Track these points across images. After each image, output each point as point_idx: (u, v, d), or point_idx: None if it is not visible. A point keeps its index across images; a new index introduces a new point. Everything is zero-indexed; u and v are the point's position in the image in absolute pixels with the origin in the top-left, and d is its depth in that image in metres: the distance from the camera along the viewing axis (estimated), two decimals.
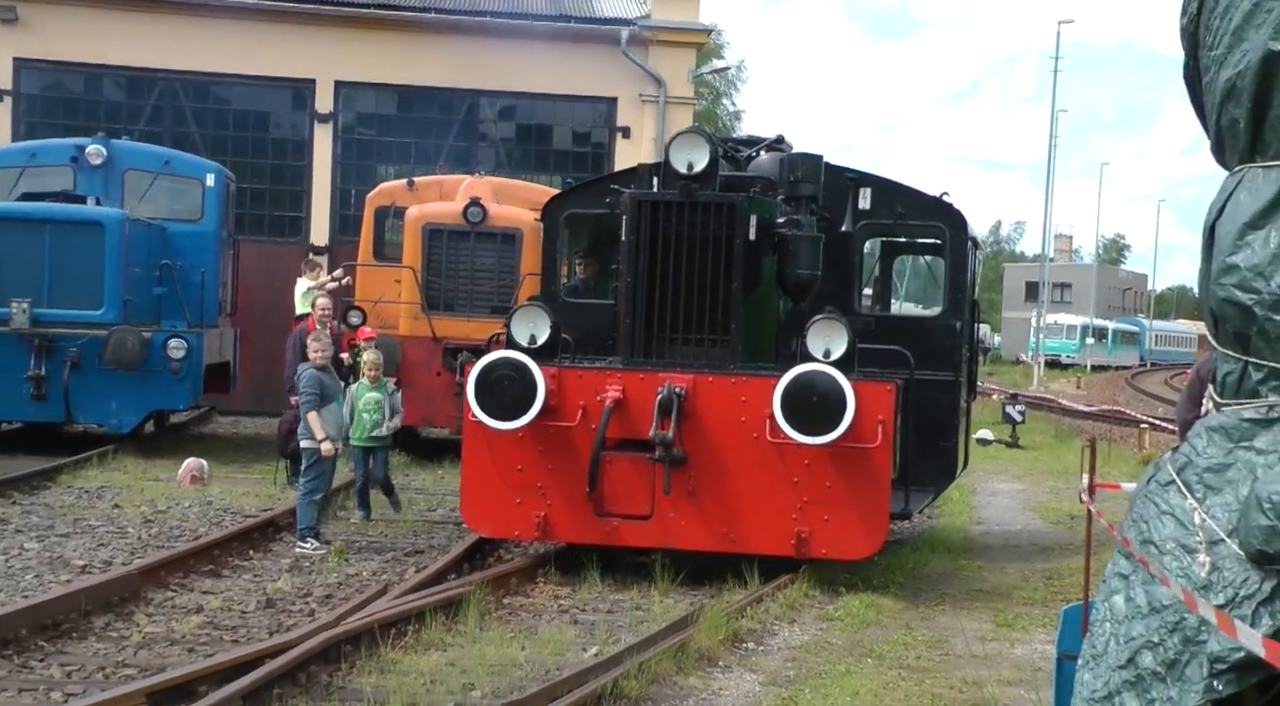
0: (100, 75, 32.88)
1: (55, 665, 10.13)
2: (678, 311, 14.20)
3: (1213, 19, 6.03)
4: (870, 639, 11.86)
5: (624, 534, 13.94)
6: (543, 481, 13.94)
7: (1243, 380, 5.80)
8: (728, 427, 13.72)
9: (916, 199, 16.78)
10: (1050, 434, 35.16)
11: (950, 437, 16.44)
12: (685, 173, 14.09)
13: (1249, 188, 5.80)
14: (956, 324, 16.53)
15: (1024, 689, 10.34)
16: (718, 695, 9.93)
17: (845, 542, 13.57)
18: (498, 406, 13.60)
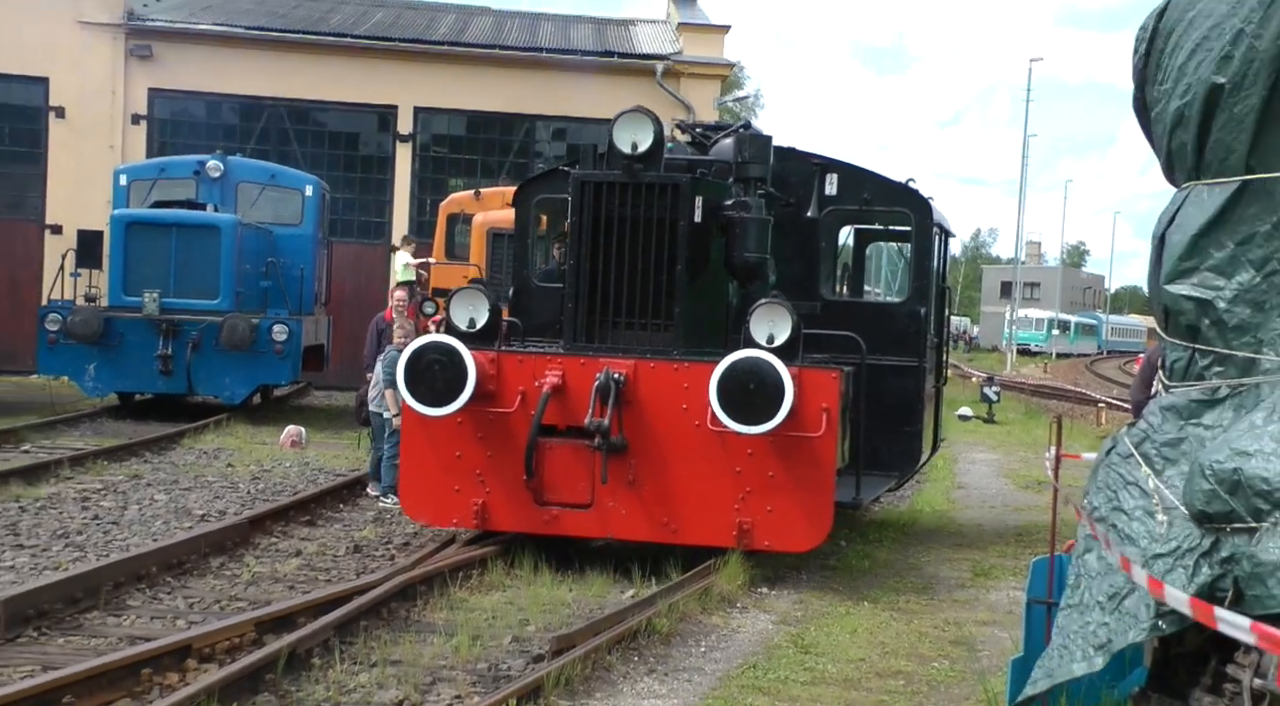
0: (219, 102, 32.97)
1: (180, 597, 10.22)
2: (620, 295, 12.01)
3: (1162, 58, 6.03)
4: (866, 585, 11.87)
5: (563, 523, 11.71)
6: (481, 468, 11.77)
7: (1190, 366, 5.82)
8: (669, 415, 11.59)
9: (883, 185, 14.52)
10: (1021, 411, 35.11)
11: (914, 423, 14.28)
12: (629, 153, 11.91)
13: (1195, 202, 5.81)
14: (921, 310, 14.33)
15: (998, 628, 10.34)
16: (736, 631, 9.94)
17: (788, 534, 11.45)
18: (428, 392, 11.43)
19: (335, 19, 34.69)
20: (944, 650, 9.70)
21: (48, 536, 12.16)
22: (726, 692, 8.29)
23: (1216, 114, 5.65)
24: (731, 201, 12.62)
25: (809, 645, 9.58)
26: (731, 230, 12.52)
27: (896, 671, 9.07)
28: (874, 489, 13.77)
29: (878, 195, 14.35)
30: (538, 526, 11.72)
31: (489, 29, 35.56)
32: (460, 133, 33.52)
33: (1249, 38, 5.52)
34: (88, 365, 22.04)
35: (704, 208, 12.10)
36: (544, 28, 36.42)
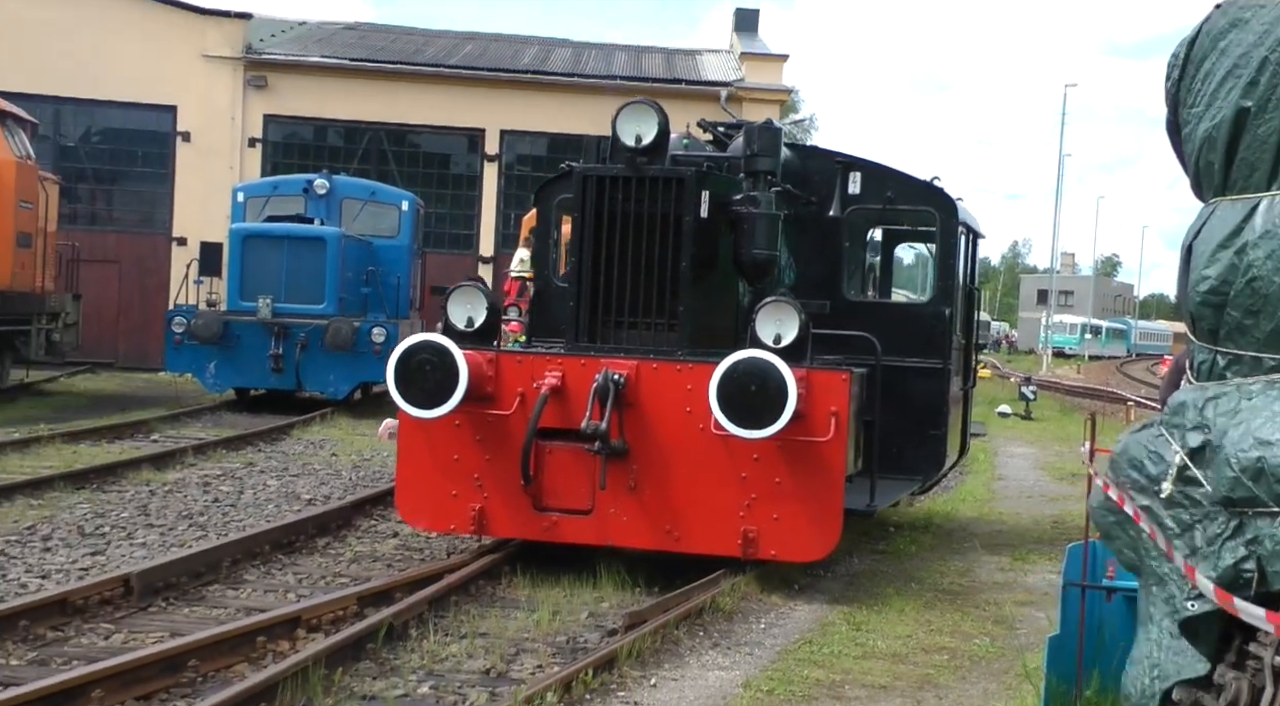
0: (325, 126, 33.28)
1: (290, 573, 10.28)
2: (624, 293, 10.57)
3: (1194, 83, 5.97)
4: (913, 568, 11.77)
5: (562, 529, 10.27)
6: (479, 472, 10.35)
7: (1213, 366, 5.78)
8: (671, 418, 10.13)
9: (907, 183, 12.97)
10: (1056, 409, 34.77)
11: (939, 426, 12.74)
12: (633, 146, 10.51)
13: (1220, 216, 5.77)
14: (945, 310, 12.72)
15: (1035, 609, 10.23)
16: (793, 609, 9.89)
17: (795, 543, 9.98)
18: (419, 393, 10.07)
19: (430, 50, 34.94)
20: (985, 628, 9.61)
21: (174, 516, 12.27)
22: (784, 665, 8.25)
23: (1242, 136, 5.61)
24: (740, 196, 11.10)
25: (860, 622, 9.52)
26: (740, 226, 11.05)
27: (941, 647, 8.99)
28: (892, 494, 12.27)
29: (902, 194, 12.90)
30: (536, 533, 10.33)
31: (568, 59, 35.68)
32: (542, 153, 33.60)
33: (1273, 65, 5.49)
34: (208, 364, 22.26)
35: (711, 203, 10.72)
36: (618, 57, 36.48)
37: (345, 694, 7.15)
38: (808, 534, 9.97)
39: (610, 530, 10.19)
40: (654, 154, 10.57)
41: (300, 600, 9.21)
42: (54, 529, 11.36)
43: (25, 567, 9.88)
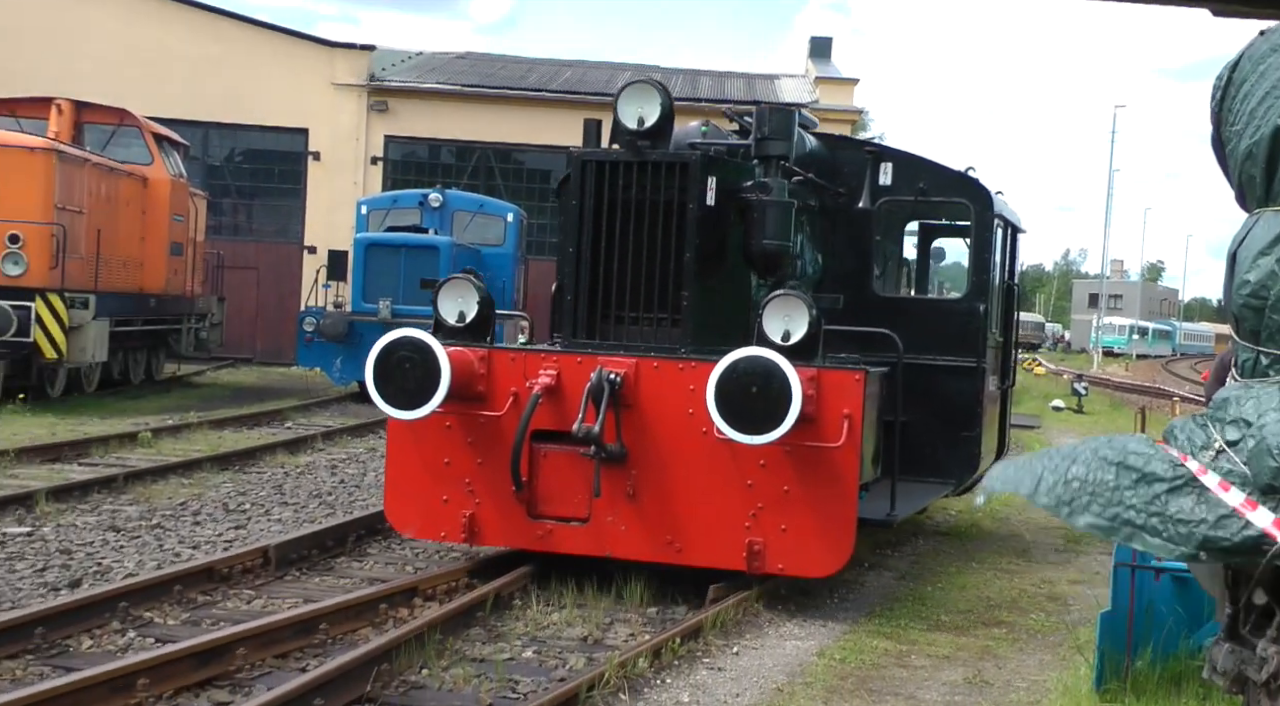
0: (439, 146, 33.59)
1: (408, 548, 10.24)
2: (624, 287, 9.11)
3: (1235, 103, 5.90)
4: (973, 548, 11.66)
5: (557, 539, 8.86)
6: (470, 477, 8.95)
7: (1256, 364, 5.70)
8: (673, 420, 8.68)
9: (940, 174, 11.42)
10: (1106, 404, 34.25)
11: (972, 427, 11.15)
12: (635, 128, 9.07)
13: (1263, 225, 5.69)
14: (980, 307, 11.18)
15: (1087, 587, 10.09)
16: (863, 585, 9.82)
17: (804, 557, 8.53)
18: (399, 392, 8.69)
19: (533, 77, 35.13)
20: (1040, 604, 9.50)
21: (305, 495, 12.43)
22: (855, 636, 8.20)
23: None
24: (750, 183, 9.51)
25: (924, 597, 9.44)
26: (749, 215, 9.43)
27: (999, 621, 8.90)
28: (918, 500, 10.72)
29: (934, 185, 11.34)
30: (530, 542, 8.92)
31: None
32: None
33: None
34: (335, 359, 22.51)
35: (719, 190, 9.17)
36: (703, 81, 36.44)
37: (457, 657, 7.21)
38: (818, 547, 8.49)
39: (608, 540, 8.76)
40: (657, 137, 9.12)
41: (417, 572, 9.28)
42: (202, 505, 11.57)
43: (178, 539, 10.07)
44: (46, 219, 17.96)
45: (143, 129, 21.80)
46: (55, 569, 8.84)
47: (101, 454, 14.59)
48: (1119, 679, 6.78)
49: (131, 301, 21.05)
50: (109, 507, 11.29)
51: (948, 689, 7.19)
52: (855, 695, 6.93)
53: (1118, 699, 6.66)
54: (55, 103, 20.46)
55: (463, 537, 9.01)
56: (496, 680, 6.73)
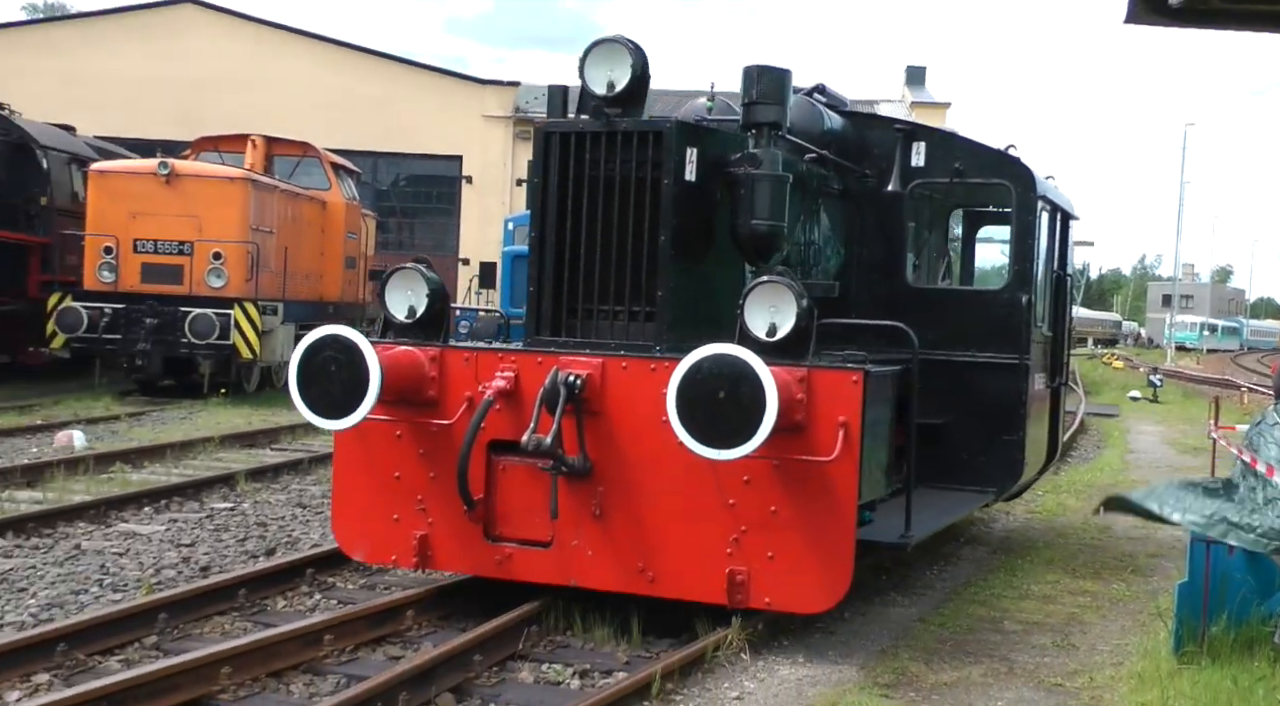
0: None
1: None
2: (592, 275, 7.10)
3: None
4: (1059, 526, 11.43)
5: (516, 564, 6.93)
6: (423, 493, 7.08)
7: None
8: (644, 428, 6.67)
9: (977, 152, 9.33)
10: (1180, 394, 33.32)
11: (1015, 430, 9.03)
12: (604, 93, 7.00)
13: None
14: (1023, 298, 9.04)
15: (1165, 560, 9.86)
16: (960, 558, 9.69)
17: (795, 589, 6.53)
18: (324, 398, 6.77)
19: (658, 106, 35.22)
20: (1122, 575, 9.29)
21: None
22: (953, 604, 8.11)
23: None
24: (739, 156, 7.43)
25: (1015, 569, 9.29)
26: (735, 191, 7.37)
27: (1084, 591, 8.72)
28: (945, 515, 8.49)
29: (971, 165, 9.24)
30: (488, 568, 7.02)
31: None
32: None
33: None
34: None
35: (703, 163, 7.19)
36: None
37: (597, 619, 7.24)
38: (810, 577, 6.53)
39: (572, 566, 6.84)
40: (629, 104, 7.06)
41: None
42: None
43: None
44: (243, 238, 18.52)
45: (322, 159, 22.35)
46: (253, 539, 9.13)
47: (290, 440, 15.01)
48: (1195, 643, 6.64)
49: (313, 308, 21.59)
50: (296, 487, 11.61)
51: (1037, 651, 7.09)
52: (953, 657, 6.86)
53: (1194, 661, 6.52)
54: (250, 139, 21.08)
55: (414, 562, 7.13)
56: (632, 641, 6.77)
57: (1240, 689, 5.98)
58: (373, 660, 6.34)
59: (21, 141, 20.07)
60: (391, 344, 7.16)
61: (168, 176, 18.24)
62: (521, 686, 6.11)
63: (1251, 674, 6.21)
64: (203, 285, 18.30)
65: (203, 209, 18.31)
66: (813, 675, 6.37)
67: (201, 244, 18.24)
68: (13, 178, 19.82)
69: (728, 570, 6.58)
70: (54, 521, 9.23)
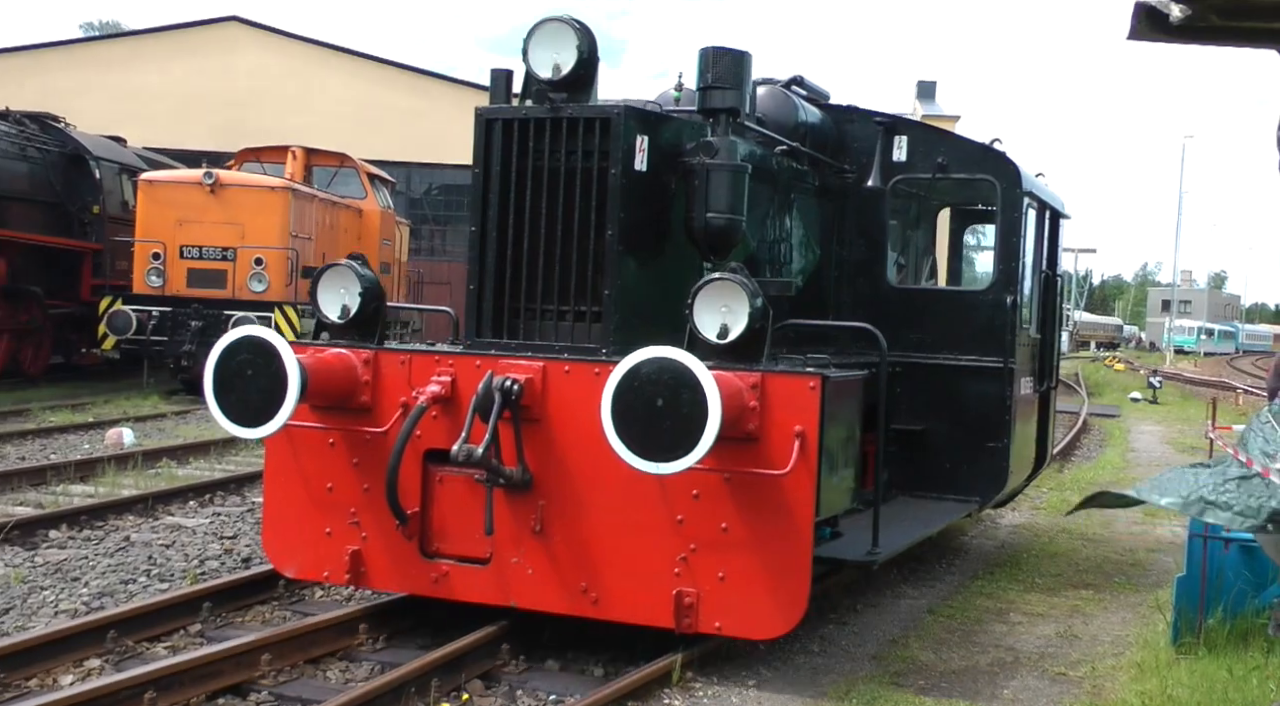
0: None
1: None
2: (535, 273, 6.35)
3: None
4: (1063, 521, 11.35)
5: (453, 583, 6.22)
6: (357, 506, 6.38)
7: None
8: (587, 437, 5.87)
9: (961, 147, 8.62)
10: (1178, 395, 33.15)
11: (999, 437, 8.31)
12: (549, 78, 6.25)
13: None
14: (1007, 299, 8.31)
15: (1163, 555, 9.81)
16: (967, 552, 9.67)
17: (747, 612, 5.79)
18: (240, 404, 6.05)
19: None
20: (1123, 570, 9.25)
21: None
22: (961, 596, 8.08)
23: None
24: (693, 145, 6.63)
25: (1020, 562, 9.26)
26: (691, 182, 6.58)
27: (1087, 584, 8.69)
28: (918, 529, 7.62)
29: (955, 160, 8.54)
30: (423, 586, 6.31)
31: None
32: None
33: None
34: None
35: (656, 152, 6.44)
36: None
37: None
38: (763, 600, 5.77)
39: (511, 586, 6.13)
40: (575, 89, 6.32)
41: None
42: None
43: None
44: (283, 245, 18.62)
45: (359, 169, 22.44)
46: None
47: None
48: (1193, 635, 6.64)
49: None
50: None
51: (1042, 642, 7.07)
52: (961, 647, 6.85)
53: (1192, 652, 6.51)
54: (290, 150, 21.20)
55: (346, 579, 6.43)
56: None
57: (1235, 678, 5.97)
58: (405, 649, 6.34)
59: (76, 153, 20.25)
60: (324, 346, 6.49)
61: (212, 186, 18.37)
62: (548, 674, 6.06)
63: (1246, 664, 6.19)
64: (245, 289, 18.41)
65: (245, 217, 18.43)
66: (826, 664, 6.37)
67: (244, 250, 18.36)
68: (68, 187, 19.99)
69: (675, 591, 5.85)
70: (105, 514, 9.30)
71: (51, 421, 14.94)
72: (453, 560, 6.26)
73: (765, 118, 7.62)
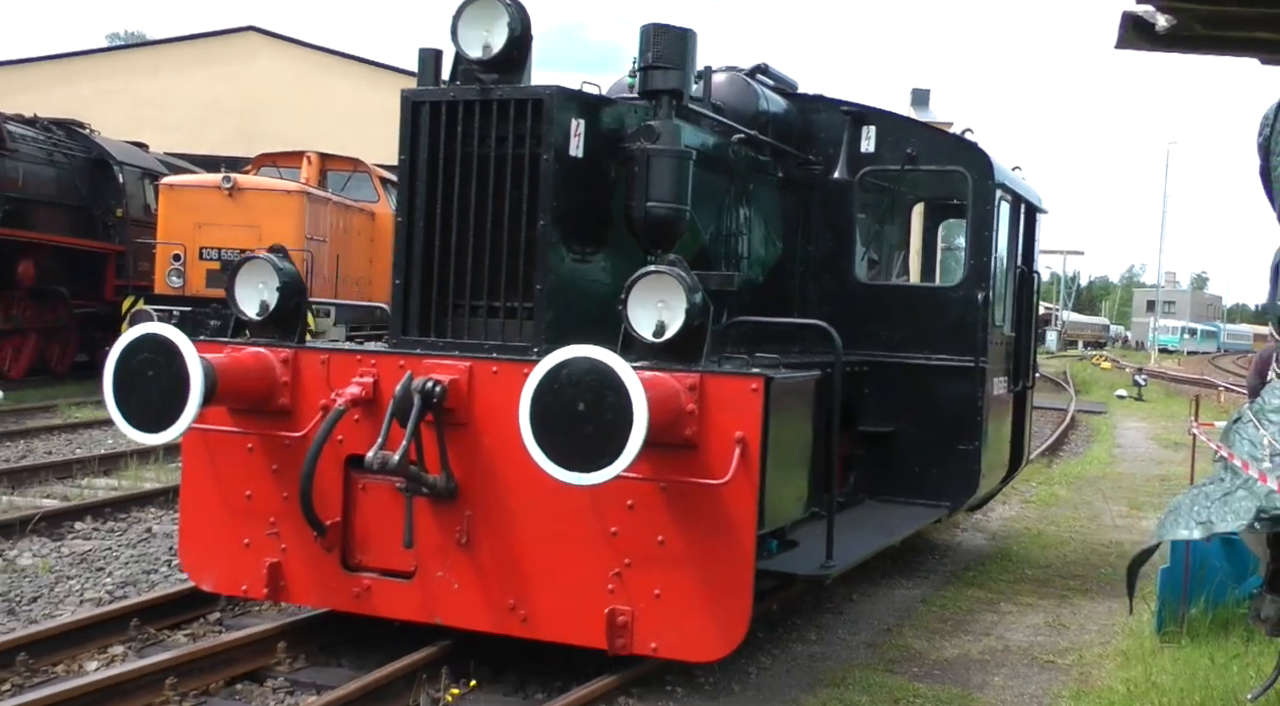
0: None
1: None
2: (464, 267, 5.72)
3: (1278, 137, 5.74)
4: (1051, 514, 11.38)
5: (376, 598, 5.60)
6: (277, 515, 5.75)
7: None
8: (516, 443, 4.94)
9: (931, 138, 8.12)
10: (1162, 393, 33.15)
11: (970, 439, 7.76)
12: (479, 57, 5.64)
13: None
14: (979, 295, 7.73)
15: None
16: (959, 546, 9.65)
17: (685, 632, 5.16)
18: (142, 407, 5.33)
19: None
20: (1109, 561, 9.24)
21: None
22: (953, 587, 8.08)
23: None
24: (634, 130, 5.99)
25: (1011, 555, 9.26)
26: (630, 169, 5.90)
27: (1074, 574, 8.69)
28: (879, 538, 7.03)
29: (925, 151, 7.96)
30: (344, 601, 5.68)
31: None
32: None
33: None
34: None
35: (596, 137, 5.81)
36: None
37: None
38: (701, 619, 5.13)
39: (436, 602, 5.50)
40: (507, 69, 5.68)
41: None
42: None
43: None
44: (299, 247, 18.62)
45: (371, 174, 22.47)
46: None
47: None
48: (1176, 624, 6.65)
49: (363, 311, 21.74)
50: None
51: (1031, 630, 7.07)
52: (954, 635, 6.85)
53: (1175, 640, 6.52)
54: (306, 155, 21.24)
55: (264, 593, 5.82)
56: None
57: (1217, 666, 5.98)
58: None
59: (100, 158, 20.32)
60: (242, 344, 5.85)
61: (231, 190, 18.41)
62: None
63: (1227, 652, 6.21)
64: None
65: (262, 219, 18.47)
66: (823, 651, 6.37)
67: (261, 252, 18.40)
68: (92, 191, 20.07)
69: (608, 609, 5.18)
70: (128, 506, 9.32)
71: (77, 417, 14.97)
72: (376, 573, 5.62)
73: (724, 105, 7.09)
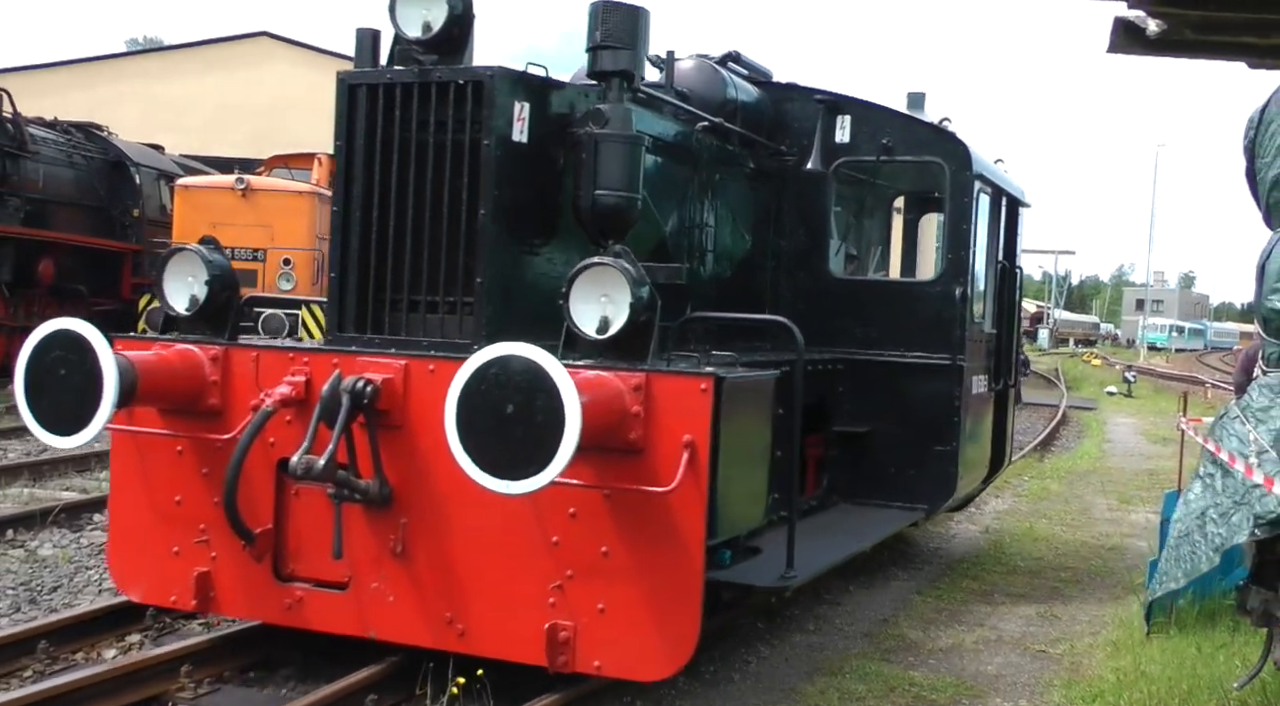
0: None
1: None
2: (401, 259, 5.24)
3: (1265, 139, 5.77)
4: (1043, 508, 11.39)
5: (308, 610, 5.12)
6: (207, 522, 5.26)
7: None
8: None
9: (908, 127, 7.59)
10: (1151, 389, 33.12)
11: (948, 440, 7.33)
12: (418, 37, 5.13)
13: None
14: (956, 291, 7.31)
15: (1137, 539, 9.82)
16: (953, 538, 9.66)
17: (630, 649, 4.64)
18: (54, 409, 4.82)
19: None
20: (1099, 553, 9.25)
21: None
22: (948, 578, 8.08)
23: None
24: (582, 113, 5.48)
25: (1004, 547, 9.26)
26: (578, 156, 5.40)
27: (1066, 566, 8.69)
28: (849, 544, 6.52)
29: (901, 141, 7.49)
30: (275, 613, 5.21)
31: None
32: None
33: None
34: None
35: (543, 122, 5.34)
36: None
37: None
38: (647, 636, 4.66)
39: (371, 614, 5.04)
40: (447, 50, 5.18)
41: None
42: None
43: None
44: (310, 246, 18.67)
45: None
46: None
47: None
48: (1165, 615, 6.64)
49: None
50: None
51: (1024, 621, 7.07)
52: (948, 626, 6.85)
53: (1163, 630, 6.52)
54: (317, 157, 21.22)
55: (193, 603, 5.32)
56: None
57: (1204, 655, 5.99)
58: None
59: (118, 160, 20.39)
60: (171, 341, 5.36)
61: (244, 191, 18.45)
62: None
63: (1214, 642, 6.22)
64: (274, 287, 18.50)
65: (274, 219, 18.52)
66: (821, 641, 6.38)
67: (273, 251, 18.43)
68: (110, 192, 20.14)
69: (548, 624, 4.72)
70: None
71: None
72: (309, 584, 5.16)
73: (690, 93, 6.66)
